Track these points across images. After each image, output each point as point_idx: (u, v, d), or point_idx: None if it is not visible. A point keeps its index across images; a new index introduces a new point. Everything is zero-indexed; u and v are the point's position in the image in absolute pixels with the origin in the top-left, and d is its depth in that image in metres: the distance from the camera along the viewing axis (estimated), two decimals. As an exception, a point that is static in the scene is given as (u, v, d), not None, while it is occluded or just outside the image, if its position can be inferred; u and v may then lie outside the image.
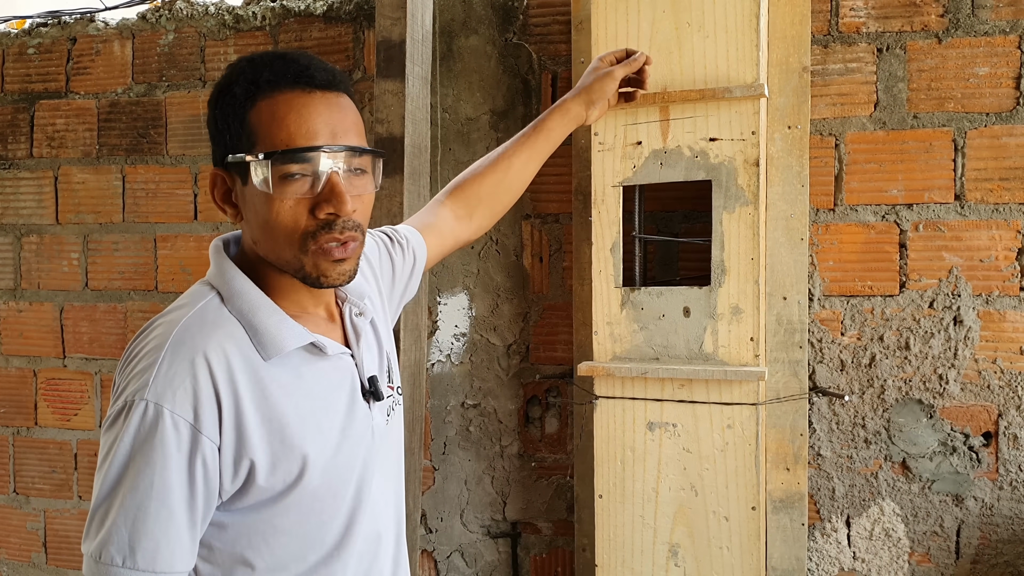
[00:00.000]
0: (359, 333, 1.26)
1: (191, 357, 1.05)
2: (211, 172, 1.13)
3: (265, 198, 1.06)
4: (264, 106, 1.07)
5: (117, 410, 1.04)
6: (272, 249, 1.11)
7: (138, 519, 1.01)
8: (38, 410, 2.83)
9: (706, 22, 1.85)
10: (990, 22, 2.04)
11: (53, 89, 2.77)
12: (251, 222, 1.11)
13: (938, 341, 2.09)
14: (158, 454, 1.02)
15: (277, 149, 1.05)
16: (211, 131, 1.14)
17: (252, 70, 1.09)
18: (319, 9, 2.53)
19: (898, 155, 2.10)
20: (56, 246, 2.79)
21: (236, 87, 1.09)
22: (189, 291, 1.17)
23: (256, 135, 1.07)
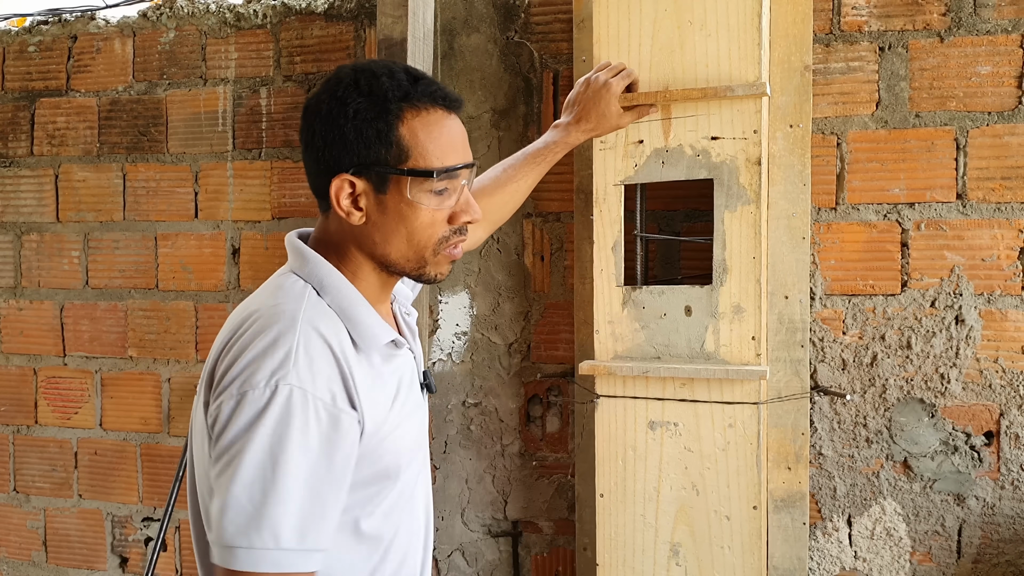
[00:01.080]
0: (412, 330, 1.39)
1: (322, 343, 1.12)
2: (339, 178, 1.17)
3: (412, 207, 1.17)
4: (417, 124, 1.17)
5: (258, 396, 1.06)
6: (402, 251, 1.21)
7: (289, 501, 1.04)
8: (38, 408, 2.83)
9: (708, 20, 1.84)
10: (992, 21, 2.04)
11: (54, 87, 2.77)
12: (383, 227, 1.19)
13: (940, 340, 2.09)
14: (306, 437, 1.06)
15: (432, 166, 1.16)
16: (331, 137, 1.17)
17: (397, 86, 1.16)
18: (320, 7, 2.52)
19: (900, 154, 2.10)
20: (56, 244, 2.78)
21: (386, 101, 1.15)
22: (278, 283, 1.22)
23: (409, 149, 1.16)
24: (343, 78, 1.18)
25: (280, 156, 2.56)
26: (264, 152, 2.58)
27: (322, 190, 1.21)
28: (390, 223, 1.19)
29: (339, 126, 1.16)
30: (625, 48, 1.91)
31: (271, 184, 2.57)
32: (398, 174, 1.16)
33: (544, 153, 1.79)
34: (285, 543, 1.04)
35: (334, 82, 1.19)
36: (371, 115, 1.16)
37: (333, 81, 1.19)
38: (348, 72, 1.19)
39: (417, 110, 1.17)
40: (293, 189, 2.55)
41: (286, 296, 1.18)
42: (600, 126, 1.81)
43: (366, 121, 1.16)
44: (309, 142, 1.20)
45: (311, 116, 1.20)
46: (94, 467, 2.79)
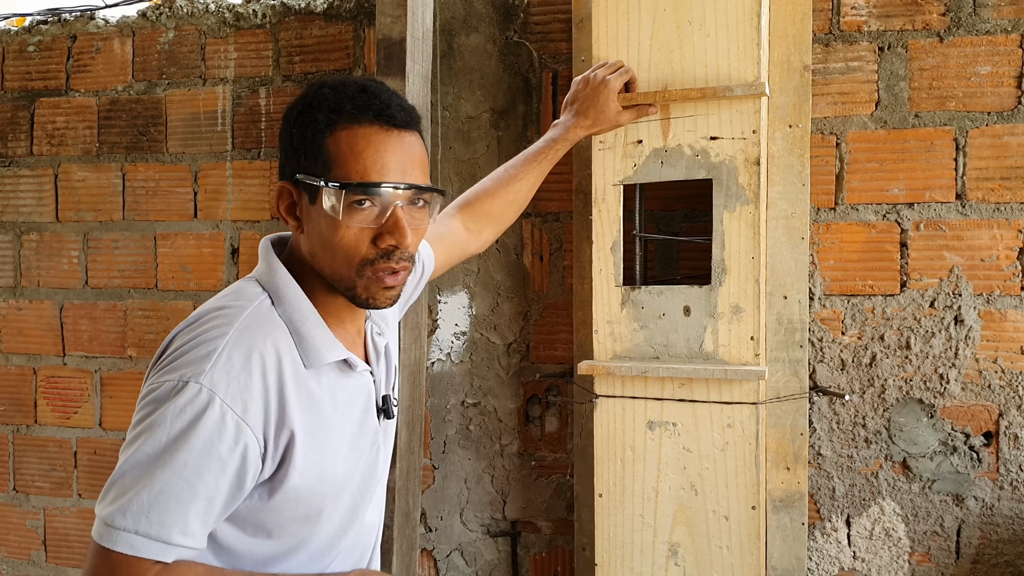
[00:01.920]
0: (379, 352, 1.36)
1: (249, 353, 1.12)
2: (279, 185, 1.21)
3: (332, 221, 1.15)
4: (343, 136, 1.16)
5: (169, 387, 1.08)
6: (329, 266, 1.19)
7: (162, 493, 1.06)
8: (38, 408, 2.83)
9: (707, 20, 1.84)
10: (992, 21, 2.04)
11: (53, 87, 2.77)
12: (312, 238, 1.19)
13: (939, 341, 2.08)
14: (199, 439, 1.07)
15: (351, 180, 1.14)
16: (283, 145, 1.22)
17: (336, 98, 1.17)
18: (320, 7, 2.52)
19: (899, 154, 2.10)
20: (56, 244, 2.78)
21: (319, 112, 1.17)
22: (238, 287, 1.23)
23: (332, 162, 1.15)
24: (304, 94, 1.21)
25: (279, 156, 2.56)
26: (263, 152, 2.58)
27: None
28: (315, 234, 1.19)
29: (287, 135, 1.21)
30: (624, 48, 1.91)
31: (270, 184, 2.57)
32: (319, 185, 1.15)
33: (545, 152, 1.81)
34: (143, 530, 1.05)
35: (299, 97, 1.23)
36: (305, 124, 1.18)
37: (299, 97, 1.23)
38: (313, 86, 1.22)
39: (349, 124, 1.16)
40: (292, 189, 2.55)
41: (236, 300, 1.19)
42: (599, 123, 1.83)
43: (301, 130, 1.18)
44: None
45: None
46: (93, 467, 2.79)
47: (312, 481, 1.19)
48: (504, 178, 1.79)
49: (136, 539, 1.05)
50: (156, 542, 1.06)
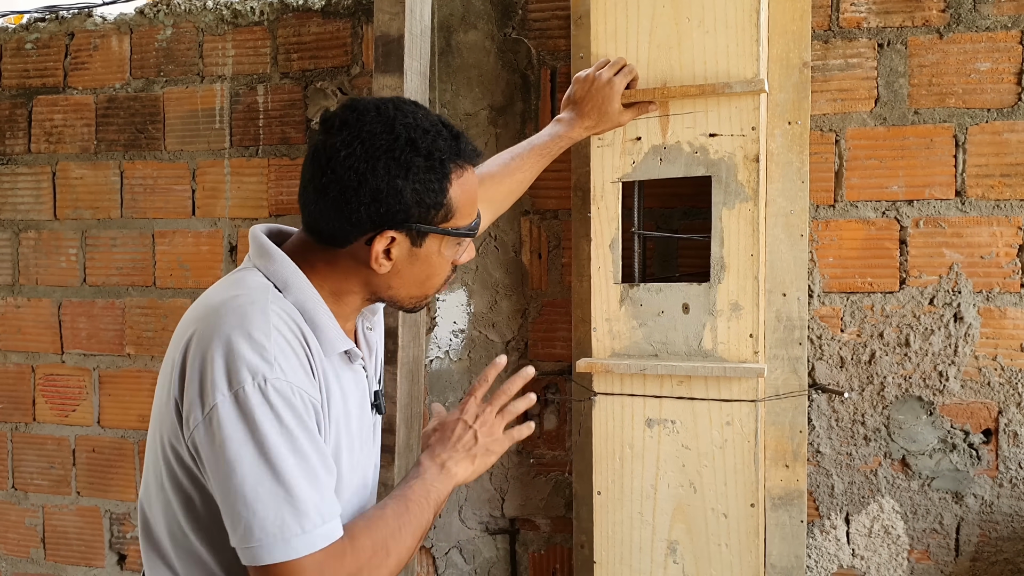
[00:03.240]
0: (371, 347, 1.38)
1: (287, 334, 1.14)
2: (386, 234, 1.17)
3: (439, 260, 1.24)
4: (463, 183, 1.20)
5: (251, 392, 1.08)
6: (412, 293, 1.27)
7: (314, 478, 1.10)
8: (36, 406, 2.83)
9: (706, 17, 1.84)
10: (992, 17, 2.03)
11: (51, 84, 2.76)
12: (405, 275, 1.23)
13: (938, 338, 2.08)
14: (298, 424, 1.10)
15: (465, 225, 1.23)
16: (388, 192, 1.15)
17: (449, 148, 1.18)
18: (317, 4, 2.52)
19: (899, 151, 2.09)
20: (54, 242, 2.78)
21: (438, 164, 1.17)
22: (239, 277, 1.22)
23: (453, 211, 1.20)
24: (398, 135, 1.15)
25: (277, 153, 2.56)
26: (261, 149, 2.57)
27: (340, 235, 1.19)
28: (415, 272, 1.24)
29: (396, 186, 1.14)
30: (623, 45, 1.91)
31: (268, 181, 2.57)
32: (442, 233, 1.21)
33: (549, 147, 1.81)
34: (309, 525, 1.08)
35: (384, 136, 1.15)
36: (432, 177, 1.17)
37: (382, 135, 1.15)
38: (400, 129, 1.15)
39: (460, 170, 1.20)
40: (290, 186, 2.55)
41: (248, 291, 1.17)
42: (601, 124, 1.83)
43: (426, 184, 1.16)
44: (342, 192, 1.15)
45: (348, 166, 1.14)
46: (92, 464, 2.79)
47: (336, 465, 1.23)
48: (511, 167, 1.77)
49: (324, 527, 1.09)
50: (332, 520, 1.10)
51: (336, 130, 1.17)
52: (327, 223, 1.19)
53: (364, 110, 1.17)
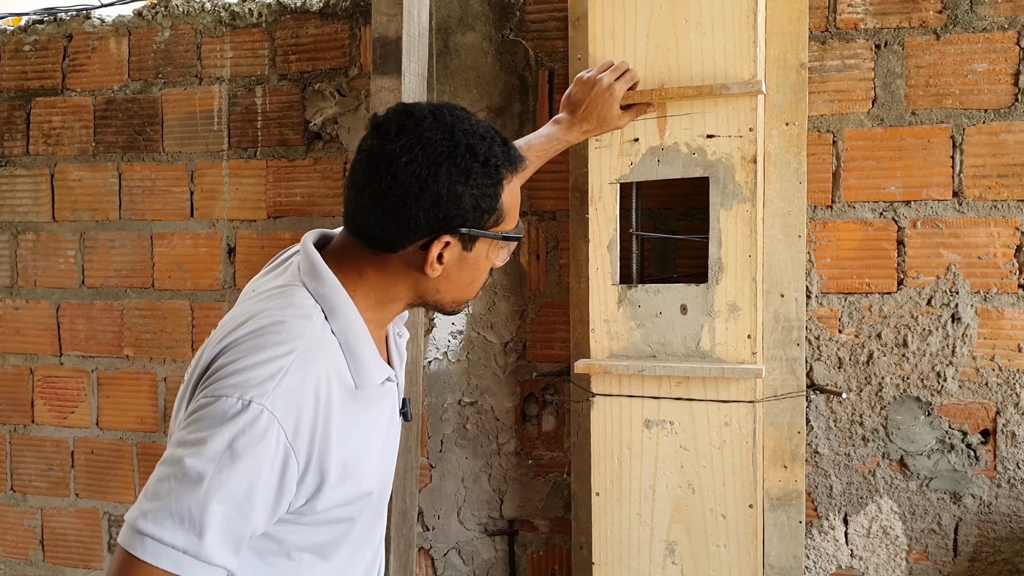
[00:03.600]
0: (401, 355, 1.40)
1: (307, 377, 1.12)
2: (441, 239, 1.18)
3: (486, 263, 1.27)
4: (512, 188, 1.24)
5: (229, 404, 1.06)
6: (457, 297, 1.29)
7: (216, 515, 1.03)
8: (35, 408, 2.83)
9: (703, 18, 1.84)
10: (988, 18, 2.03)
11: (49, 86, 2.76)
12: (455, 278, 1.25)
13: (936, 338, 2.08)
14: (257, 462, 1.06)
15: (512, 229, 1.27)
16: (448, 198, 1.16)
17: (503, 154, 1.21)
18: (315, 5, 2.52)
19: (896, 152, 2.10)
20: (52, 243, 2.78)
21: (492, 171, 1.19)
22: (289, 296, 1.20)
23: (503, 215, 1.23)
24: (458, 141, 1.16)
25: (276, 155, 2.56)
26: (260, 151, 2.57)
27: (395, 240, 1.19)
28: (463, 276, 1.26)
29: (456, 192, 1.16)
30: (620, 46, 1.91)
31: (266, 183, 2.57)
32: (494, 238, 1.24)
33: (546, 147, 1.81)
34: (193, 549, 1.02)
35: (445, 143, 1.16)
36: (488, 183, 1.19)
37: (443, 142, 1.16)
38: (459, 135, 1.17)
39: (511, 176, 1.23)
40: (288, 188, 2.55)
41: (294, 314, 1.17)
42: (600, 128, 1.83)
43: (483, 188, 1.18)
44: (403, 197, 1.15)
45: (410, 172, 1.15)
46: (91, 466, 2.79)
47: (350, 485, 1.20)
48: None
49: (184, 558, 1.02)
50: (203, 563, 1.03)
51: (394, 136, 1.17)
52: (382, 228, 1.18)
53: (421, 116, 1.18)
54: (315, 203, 2.53)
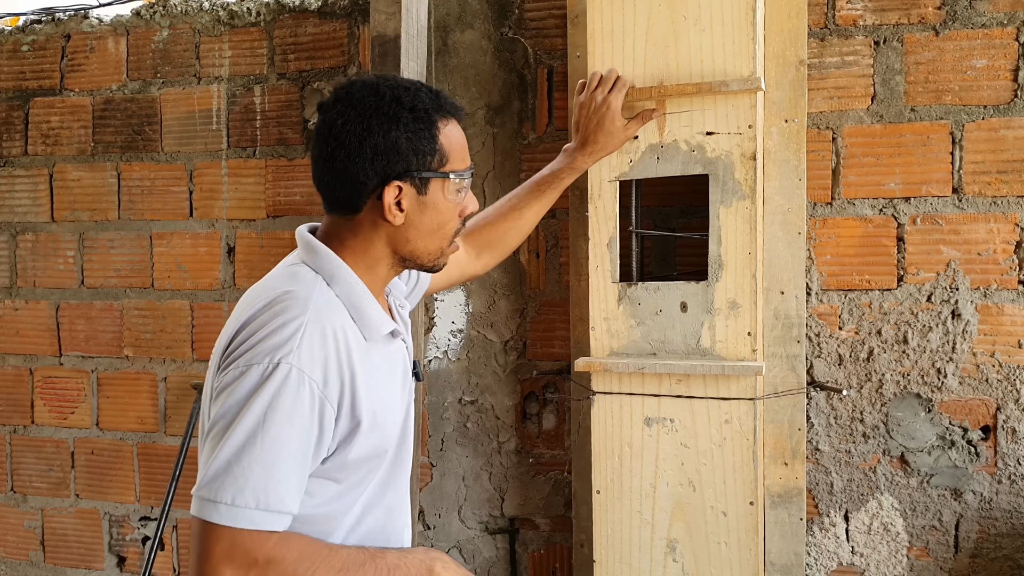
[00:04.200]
0: (405, 322, 1.51)
1: (325, 331, 1.24)
2: (393, 184, 1.28)
3: (446, 205, 1.34)
4: (449, 131, 1.33)
5: (261, 369, 1.18)
6: (427, 245, 1.36)
7: (274, 467, 1.16)
8: (35, 408, 2.83)
9: (702, 16, 1.84)
10: (987, 14, 2.03)
11: (48, 86, 2.76)
12: (419, 225, 1.33)
13: (936, 335, 2.08)
14: (295, 412, 1.18)
15: (461, 168, 1.34)
16: (386, 146, 1.28)
17: (430, 100, 1.31)
18: (314, 4, 2.51)
19: (895, 148, 2.09)
20: (51, 244, 2.78)
21: (425, 115, 1.29)
22: (293, 271, 1.32)
23: (446, 156, 1.32)
24: (383, 94, 1.28)
25: (274, 154, 2.56)
26: (258, 150, 2.57)
27: (354, 197, 1.30)
28: (426, 221, 1.33)
29: (392, 138, 1.27)
30: (619, 44, 1.91)
31: (265, 182, 2.57)
32: (442, 177, 1.32)
33: (550, 180, 1.87)
34: (263, 504, 1.15)
35: (372, 98, 1.28)
36: (421, 126, 1.29)
37: (370, 97, 1.28)
38: (384, 89, 1.29)
39: (445, 120, 1.32)
40: (288, 187, 2.55)
41: (298, 283, 1.28)
42: (608, 145, 1.85)
43: (416, 132, 1.29)
44: (348, 154, 1.28)
45: (348, 130, 1.28)
46: (91, 467, 2.78)
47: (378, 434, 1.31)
48: (503, 207, 1.87)
49: (257, 514, 1.14)
50: (275, 513, 1.16)
51: (330, 106, 1.31)
52: (340, 189, 1.31)
53: (351, 84, 1.32)
54: (314, 202, 2.52)
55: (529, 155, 2.35)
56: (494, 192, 2.36)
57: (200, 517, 1.15)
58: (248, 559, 1.15)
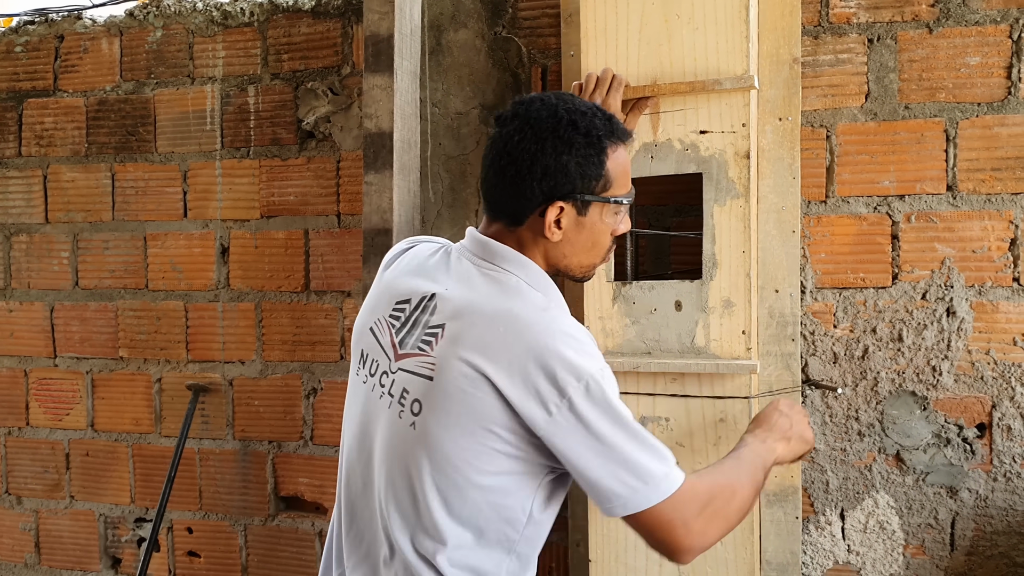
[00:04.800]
0: None
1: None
2: (555, 204, 1.35)
3: (602, 227, 1.41)
4: (616, 157, 1.39)
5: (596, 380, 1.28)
6: (581, 261, 1.44)
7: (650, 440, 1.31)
8: (29, 410, 2.82)
9: (695, 14, 1.84)
10: (981, 11, 2.03)
11: (41, 87, 2.75)
12: (575, 243, 1.41)
13: (931, 333, 2.08)
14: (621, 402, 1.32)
15: (621, 194, 1.41)
16: (556, 168, 1.34)
17: (604, 126, 1.37)
18: (307, 4, 2.51)
19: (890, 146, 2.09)
20: (46, 245, 2.77)
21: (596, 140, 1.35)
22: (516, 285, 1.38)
23: (610, 181, 1.38)
24: (560, 117, 1.34)
25: (268, 154, 2.55)
26: (252, 151, 2.57)
27: (518, 211, 1.38)
28: (582, 240, 1.41)
29: (562, 162, 1.34)
30: (613, 43, 1.91)
31: (260, 183, 2.56)
32: (603, 201, 1.38)
33: None
34: (671, 465, 1.30)
35: (550, 120, 1.35)
36: (591, 152, 1.35)
37: (548, 119, 1.35)
38: (562, 112, 1.35)
39: (614, 147, 1.38)
40: (281, 187, 2.54)
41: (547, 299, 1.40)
42: None
43: (586, 157, 1.35)
44: (518, 171, 1.34)
45: (522, 148, 1.34)
46: (86, 468, 2.78)
47: None
48: None
49: (673, 470, 1.30)
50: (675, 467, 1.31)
51: (508, 121, 1.38)
52: (507, 202, 1.38)
53: (530, 102, 1.39)
54: (308, 202, 2.52)
55: (523, 154, 2.35)
56: (488, 191, 2.36)
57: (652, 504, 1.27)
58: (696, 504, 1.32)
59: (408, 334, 1.38)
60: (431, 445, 1.32)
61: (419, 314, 1.38)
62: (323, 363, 2.54)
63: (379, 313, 1.45)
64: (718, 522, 1.34)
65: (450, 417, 1.30)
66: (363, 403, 1.45)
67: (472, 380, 1.29)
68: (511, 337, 1.30)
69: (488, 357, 1.29)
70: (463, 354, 1.30)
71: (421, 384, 1.33)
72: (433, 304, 1.37)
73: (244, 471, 2.63)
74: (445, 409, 1.31)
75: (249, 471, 2.63)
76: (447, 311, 1.35)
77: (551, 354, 1.28)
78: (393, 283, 1.47)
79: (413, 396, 1.34)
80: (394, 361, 1.39)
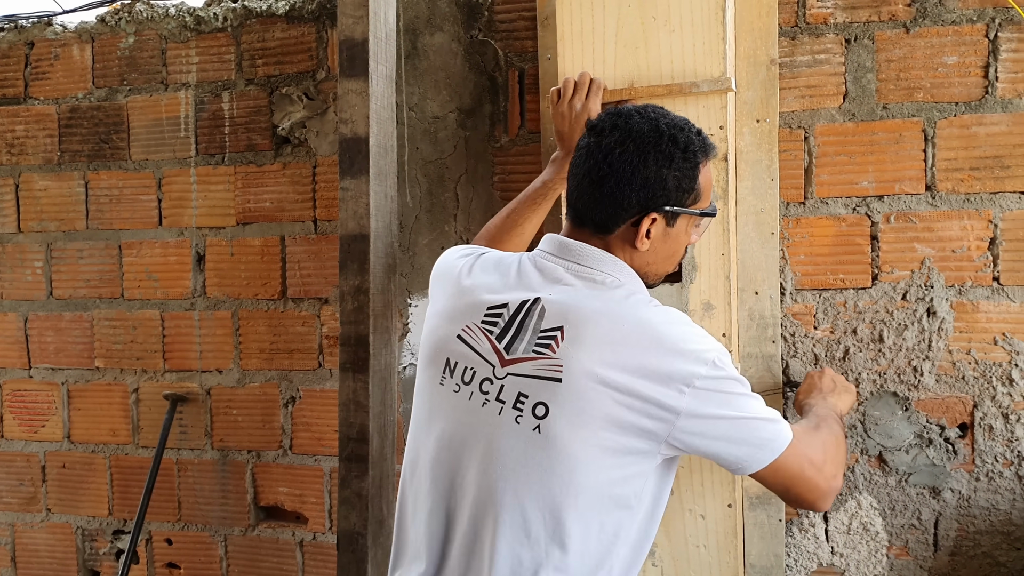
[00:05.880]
0: None
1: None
2: (651, 216, 1.41)
3: (684, 238, 1.49)
4: (706, 171, 1.46)
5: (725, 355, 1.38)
6: (661, 268, 1.51)
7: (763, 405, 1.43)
8: (4, 422, 2.78)
9: (672, 16, 1.83)
10: (957, 11, 2.03)
11: (11, 95, 2.71)
12: (660, 251, 1.47)
13: (912, 333, 2.08)
14: None
15: (707, 208, 1.48)
16: (655, 181, 1.40)
17: (700, 143, 1.44)
18: (281, 9, 2.48)
19: (868, 146, 2.09)
20: (19, 255, 2.73)
21: (692, 156, 1.42)
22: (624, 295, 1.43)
23: (700, 195, 1.45)
24: (662, 132, 1.40)
25: (244, 161, 2.52)
26: (228, 157, 2.54)
27: (615, 220, 1.43)
28: (665, 249, 1.47)
29: (662, 175, 1.39)
30: (589, 46, 1.89)
31: (235, 189, 2.53)
32: (692, 214, 1.45)
33: (543, 192, 1.87)
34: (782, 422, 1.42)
35: (652, 134, 1.40)
36: (688, 167, 1.41)
37: (650, 133, 1.40)
38: (663, 127, 1.41)
39: (705, 161, 1.45)
40: (257, 194, 2.51)
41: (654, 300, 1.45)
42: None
43: (683, 172, 1.41)
44: (618, 182, 1.40)
45: (624, 160, 1.39)
46: (63, 481, 2.74)
47: None
48: (507, 225, 1.89)
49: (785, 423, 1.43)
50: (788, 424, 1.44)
51: (608, 132, 1.42)
52: (601, 211, 1.43)
53: (629, 114, 1.44)
54: (284, 208, 2.49)
55: (502, 158, 2.33)
56: (467, 196, 2.34)
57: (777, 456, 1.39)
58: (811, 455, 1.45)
59: (515, 339, 1.40)
60: (558, 448, 1.34)
61: (524, 319, 1.41)
62: (301, 371, 2.52)
63: (466, 320, 1.47)
64: (838, 465, 1.49)
65: (582, 416, 1.33)
66: (452, 411, 1.45)
67: (603, 378, 1.32)
68: (636, 332, 1.35)
69: (617, 354, 1.33)
70: (591, 354, 1.34)
71: (545, 387, 1.35)
72: (539, 308, 1.40)
73: (223, 481, 2.60)
74: (577, 409, 1.33)
75: (228, 481, 2.60)
76: (559, 314, 1.38)
77: (676, 340, 1.35)
78: (474, 290, 1.50)
79: (535, 400, 1.36)
80: (500, 367, 1.40)
